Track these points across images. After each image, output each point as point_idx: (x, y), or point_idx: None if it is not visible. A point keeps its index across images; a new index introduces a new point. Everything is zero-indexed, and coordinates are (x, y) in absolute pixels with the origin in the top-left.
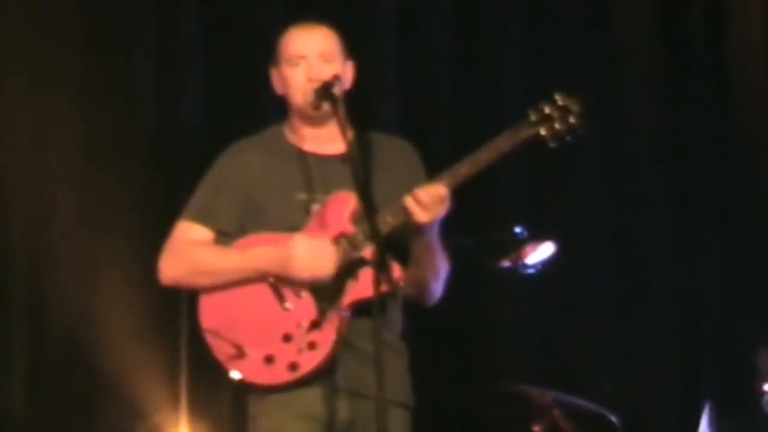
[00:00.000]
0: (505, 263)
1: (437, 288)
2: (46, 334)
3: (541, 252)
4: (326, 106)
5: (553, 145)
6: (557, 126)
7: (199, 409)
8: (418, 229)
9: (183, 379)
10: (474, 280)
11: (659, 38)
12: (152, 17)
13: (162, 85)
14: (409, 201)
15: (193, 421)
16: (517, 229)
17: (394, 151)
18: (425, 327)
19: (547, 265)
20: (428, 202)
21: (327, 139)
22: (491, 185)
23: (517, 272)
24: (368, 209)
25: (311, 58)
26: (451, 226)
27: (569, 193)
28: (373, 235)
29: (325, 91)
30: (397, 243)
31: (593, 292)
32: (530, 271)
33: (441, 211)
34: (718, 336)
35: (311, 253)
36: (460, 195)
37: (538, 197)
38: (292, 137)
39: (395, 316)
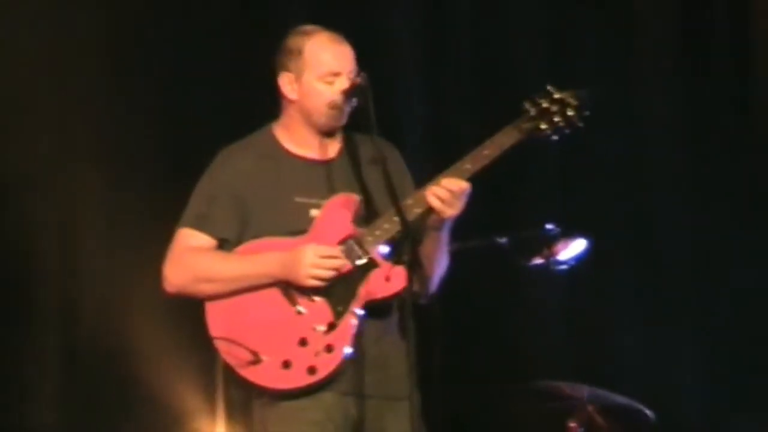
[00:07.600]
0: (537, 261)
1: (436, 283)
2: (78, 343)
3: (573, 248)
4: (349, 108)
5: (554, 138)
6: (557, 119)
7: (235, 414)
8: (439, 224)
9: (219, 383)
10: (507, 278)
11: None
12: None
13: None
14: (431, 197)
15: (230, 427)
16: (549, 227)
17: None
18: (459, 325)
19: (580, 261)
20: (450, 197)
21: (324, 144)
22: (521, 183)
23: (549, 269)
24: (400, 210)
25: (345, 75)
26: (482, 225)
27: (597, 189)
28: (406, 234)
29: (354, 92)
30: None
31: (623, 287)
32: (563, 267)
33: (462, 204)
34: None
35: (317, 260)
36: (490, 194)
37: (568, 194)
38: (285, 140)
39: (395, 316)
